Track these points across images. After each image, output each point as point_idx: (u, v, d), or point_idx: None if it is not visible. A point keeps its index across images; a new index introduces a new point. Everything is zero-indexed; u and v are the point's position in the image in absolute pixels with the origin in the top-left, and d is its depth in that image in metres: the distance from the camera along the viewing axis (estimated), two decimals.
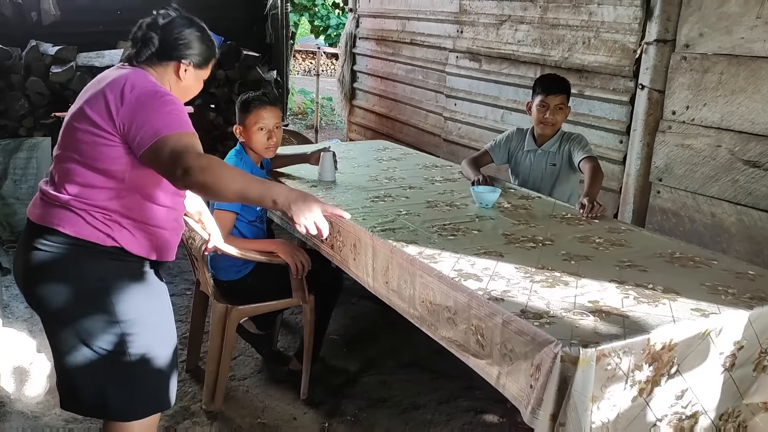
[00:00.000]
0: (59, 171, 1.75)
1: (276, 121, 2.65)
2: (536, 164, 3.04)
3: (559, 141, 3.00)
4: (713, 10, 2.97)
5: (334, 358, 3.11)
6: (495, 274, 1.91)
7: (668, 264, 2.03)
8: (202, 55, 1.84)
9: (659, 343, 1.57)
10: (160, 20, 1.81)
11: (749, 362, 1.75)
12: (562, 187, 3.04)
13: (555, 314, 1.65)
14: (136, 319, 1.74)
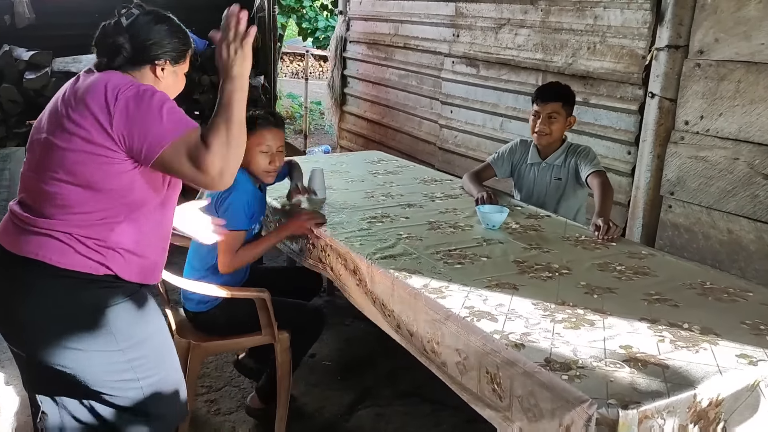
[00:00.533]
0: (36, 193, 1.59)
1: (279, 144, 2.46)
2: (540, 178, 2.87)
3: (565, 154, 2.82)
4: (730, 14, 2.79)
5: (328, 387, 2.90)
6: (511, 313, 1.70)
7: (700, 297, 1.84)
8: (176, 49, 1.69)
9: (705, 399, 1.38)
10: (123, 22, 1.64)
11: None
12: (569, 202, 2.86)
13: (584, 364, 1.45)
14: (139, 344, 1.64)
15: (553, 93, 2.78)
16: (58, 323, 1.58)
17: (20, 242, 1.58)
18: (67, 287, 1.58)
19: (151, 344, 1.69)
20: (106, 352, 1.60)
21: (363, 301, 2.15)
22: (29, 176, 1.63)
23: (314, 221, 2.47)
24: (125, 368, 1.62)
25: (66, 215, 1.56)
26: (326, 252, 2.38)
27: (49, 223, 1.56)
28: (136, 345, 1.64)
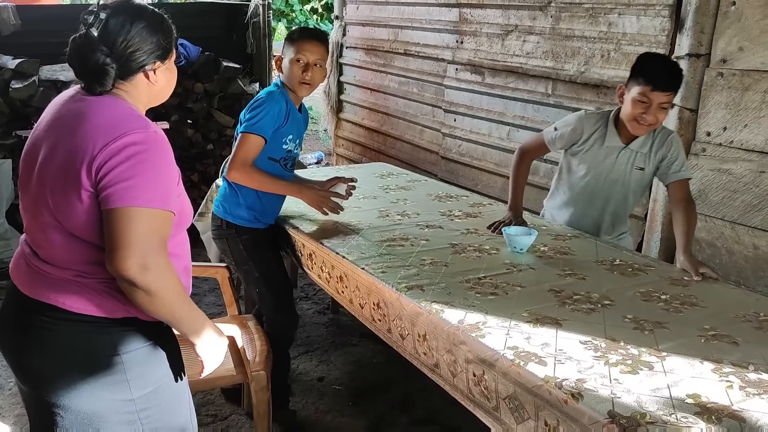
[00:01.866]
0: (43, 239, 1.44)
1: (317, 58, 2.42)
2: (619, 165, 2.45)
3: (652, 140, 2.41)
4: (755, 21, 2.70)
5: (340, 413, 2.77)
6: (560, 354, 1.58)
7: (758, 331, 1.73)
8: (161, 46, 1.49)
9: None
10: (94, 33, 1.42)
11: None
12: (636, 198, 2.58)
13: (654, 418, 1.32)
14: (153, 393, 1.51)
15: (673, 80, 2.28)
16: (70, 371, 1.44)
17: (31, 283, 1.46)
18: (83, 333, 1.44)
19: (164, 393, 1.55)
20: (116, 401, 1.46)
21: (389, 336, 2.02)
22: (27, 218, 1.48)
23: (330, 206, 2.48)
24: (132, 419, 1.48)
25: (80, 265, 1.42)
26: (344, 282, 2.24)
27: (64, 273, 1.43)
28: (149, 395, 1.50)
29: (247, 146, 2.35)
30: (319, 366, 3.14)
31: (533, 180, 3.60)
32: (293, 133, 2.48)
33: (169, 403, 1.56)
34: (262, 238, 2.55)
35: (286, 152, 2.49)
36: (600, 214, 2.57)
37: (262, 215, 2.52)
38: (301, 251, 2.54)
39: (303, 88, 2.43)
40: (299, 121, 2.52)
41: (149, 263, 1.33)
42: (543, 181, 3.76)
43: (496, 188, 4.09)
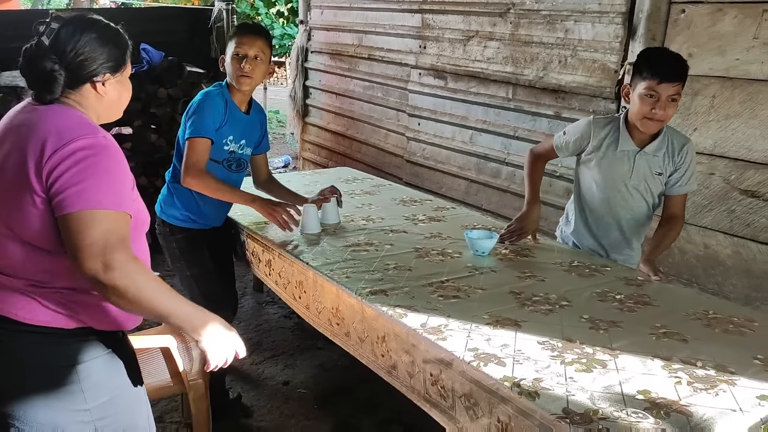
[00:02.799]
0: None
1: (256, 52, 2.39)
2: (638, 171, 2.31)
3: (667, 143, 2.30)
4: (704, 28, 2.80)
5: (304, 417, 2.79)
6: (518, 354, 1.63)
7: (707, 329, 1.80)
8: (112, 58, 1.49)
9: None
10: (45, 41, 1.43)
11: None
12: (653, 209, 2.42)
13: (605, 415, 1.37)
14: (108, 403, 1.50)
15: (678, 70, 2.16)
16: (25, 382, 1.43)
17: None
18: (37, 344, 1.43)
19: (121, 402, 1.54)
20: (72, 410, 1.45)
21: (346, 340, 2.05)
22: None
23: (281, 218, 2.41)
24: (89, 429, 1.47)
25: (28, 273, 1.41)
26: (302, 287, 2.27)
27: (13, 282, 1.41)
28: (105, 404, 1.50)
29: (195, 151, 2.35)
30: (285, 370, 3.15)
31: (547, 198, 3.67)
32: (234, 134, 2.47)
33: (126, 412, 1.55)
34: (199, 238, 2.54)
35: (228, 153, 2.49)
36: (616, 230, 2.42)
37: (198, 217, 2.52)
38: (259, 257, 2.56)
39: (242, 81, 2.41)
40: (243, 122, 2.51)
41: (111, 261, 1.31)
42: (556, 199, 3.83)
43: (460, 191, 4.15)
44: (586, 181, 2.44)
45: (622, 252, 2.45)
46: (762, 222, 2.69)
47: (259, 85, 2.52)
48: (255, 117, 2.59)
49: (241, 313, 3.74)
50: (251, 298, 3.97)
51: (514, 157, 3.76)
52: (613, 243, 2.44)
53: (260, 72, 2.42)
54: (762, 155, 2.66)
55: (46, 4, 14.90)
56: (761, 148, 2.66)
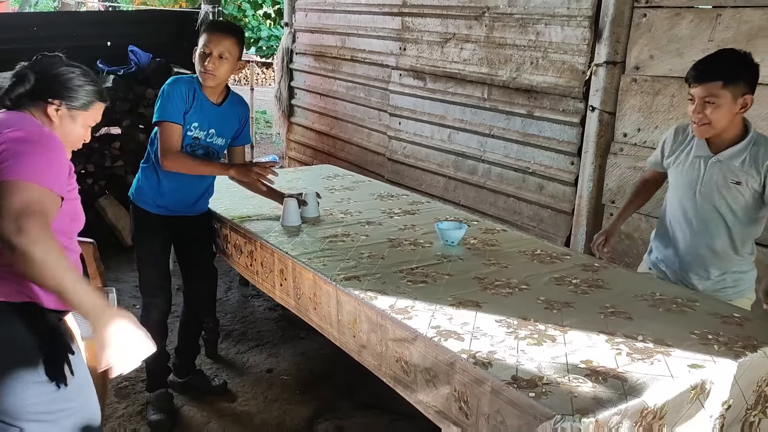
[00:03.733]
0: None
1: (222, 51, 2.50)
2: (709, 177, 2.17)
3: (749, 151, 2.09)
4: (664, 32, 2.97)
5: (287, 402, 2.93)
6: (476, 331, 1.78)
7: (652, 308, 1.96)
8: (81, 97, 1.65)
9: (653, 409, 1.48)
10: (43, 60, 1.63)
11: (736, 421, 1.69)
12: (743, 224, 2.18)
13: (549, 380, 1.53)
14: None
15: (710, 69, 2.06)
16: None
17: None
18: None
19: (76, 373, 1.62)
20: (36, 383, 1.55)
21: (326, 324, 2.19)
22: None
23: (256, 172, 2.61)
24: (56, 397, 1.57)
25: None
26: (283, 275, 2.41)
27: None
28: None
29: (165, 135, 2.51)
30: (269, 359, 3.29)
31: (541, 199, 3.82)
32: (199, 122, 2.57)
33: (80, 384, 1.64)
34: (154, 223, 2.67)
35: (192, 139, 2.59)
36: (688, 241, 2.27)
37: (159, 197, 2.64)
38: (242, 249, 2.70)
39: (205, 77, 2.52)
40: (213, 112, 2.60)
41: (24, 226, 1.37)
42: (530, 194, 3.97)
43: (439, 188, 4.30)
44: (669, 189, 2.38)
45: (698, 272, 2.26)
46: None
47: (225, 81, 2.62)
48: (230, 109, 2.68)
49: (227, 306, 3.88)
50: (237, 291, 4.10)
51: (490, 155, 3.92)
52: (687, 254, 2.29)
53: (224, 70, 2.53)
54: None
55: (33, 6, 14.93)
56: None
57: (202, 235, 2.86)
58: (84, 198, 1.80)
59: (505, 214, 3.84)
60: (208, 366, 3.19)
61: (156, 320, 2.73)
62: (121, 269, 4.26)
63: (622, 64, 3.15)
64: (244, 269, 2.73)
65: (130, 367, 1.46)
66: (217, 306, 3.40)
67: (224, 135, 2.69)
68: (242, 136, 2.79)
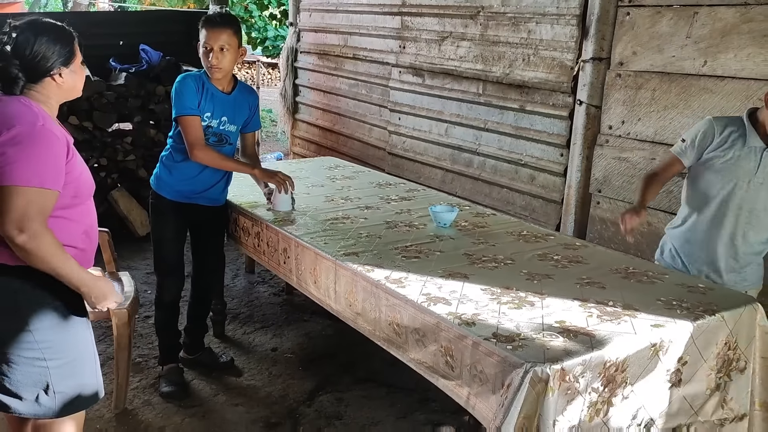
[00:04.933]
0: None
1: (221, 44, 2.63)
2: (764, 168, 2.26)
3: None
4: (645, 29, 3.15)
5: (290, 377, 3.12)
6: (463, 297, 1.96)
7: (624, 280, 2.15)
8: (62, 54, 1.81)
9: (615, 362, 1.67)
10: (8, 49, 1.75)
11: (698, 380, 1.88)
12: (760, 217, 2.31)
13: (525, 336, 1.72)
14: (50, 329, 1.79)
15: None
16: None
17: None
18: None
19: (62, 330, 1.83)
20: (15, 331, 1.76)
21: (324, 296, 2.38)
22: None
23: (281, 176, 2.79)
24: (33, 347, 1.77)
25: None
26: (287, 254, 2.60)
27: None
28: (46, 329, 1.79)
29: (188, 128, 2.65)
30: (273, 339, 3.48)
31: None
32: (212, 111, 2.72)
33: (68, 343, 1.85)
34: (170, 208, 2.81)
35: (206, 127, 2.72)
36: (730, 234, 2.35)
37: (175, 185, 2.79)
38: (249, 231, 2.90)
39: (213, 72, 2.67)
40: (224, 100, 2.75)
41: (25, 227, 1.64)
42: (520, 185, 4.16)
43: (437, 180, 4.49)
44: (704, 186, 2.39)
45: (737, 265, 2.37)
46: None
47: (231, 70, 2.75)
48: (240, 97, 2.83)
49: (234, 291, 4.07)
50: (244, 278, 4.30)
51: (484, 148, 4.11)
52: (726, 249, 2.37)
53: (228, 60, 2.66)
54: None
55: (43, 7, 15.19)
56: None
57: (217, 224, 3.02)
58: (97, 190, 2.01)
59: (499, 204, 4.02)
60: (216, 345, 3.38)
61: (169, 300, 2.93)
62: (133, 258, 4.45)
63: (607, 60, 3.34)
64: (252, 250, 2.92)
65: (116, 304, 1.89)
66: (225, 291, 3.59)
67: (236, 122, 2.83)
68: (253, 123, 2.93)
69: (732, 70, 2.84)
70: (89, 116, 4.69)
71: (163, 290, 2.93)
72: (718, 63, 2.88)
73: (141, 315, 3.66)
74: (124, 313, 2.67)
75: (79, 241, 1.86)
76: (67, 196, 1.79)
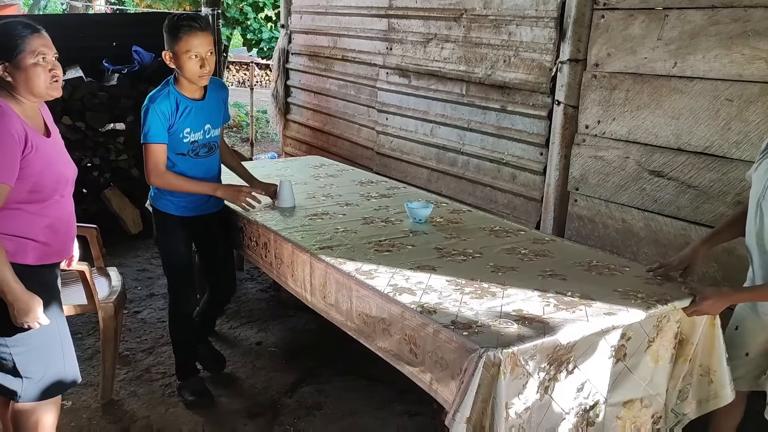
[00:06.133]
0: None
1: (209, 48, 2.54)
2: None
3: None
4: (619, 32, 3.24)
5: (273, 369, 3.21)
6: (428, 288, 2.05)
7: (586, 272, 2.23)
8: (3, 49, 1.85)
9: (564, 344, 1.75)
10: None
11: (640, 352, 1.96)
12: None
13: (483, 323, 1.80)
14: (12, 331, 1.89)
15: None
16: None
17: None
18: None
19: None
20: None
21: (300, 289, 2.47)
22: None
23: (243, 198, 2.74)
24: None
25: None
26: (267, 248, 2.68)
27: None
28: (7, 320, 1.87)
29: (152, 156, 2.57)
30: (258, 333, 3.57)
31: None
32: (192, 125, 2.63)
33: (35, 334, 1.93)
34: (176, 224, 2.75)
35: (191, 144, 2.66)
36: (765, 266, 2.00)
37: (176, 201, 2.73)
38: (234, 227, 2.99)
39: (203, 79, 2.58)
40: (200, 109, 2.65)
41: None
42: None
43: (422, 179, 4.58)
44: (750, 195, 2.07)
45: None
46: (666, 198, 3.12)
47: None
48: (214, 96, 2.74)
49: None
50: None
51: (468, 147, 4.20)
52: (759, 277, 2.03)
53: (212, 63, 2.58)
54: (665, 140, 3.09)
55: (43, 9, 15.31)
56: (665, 134, 3.09)
57: (222, 230, 2.97)
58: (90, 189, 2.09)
59: (483, 203, 4.10)
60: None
61: (188, 310, 2.90)
62: (125, 255, 4.55)
63: (583, 61, 3.42)
64: (238, 245, 3.00)
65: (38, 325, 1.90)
66: None
67: (217, 124, 2.78)
68: (224, 116, 2.85)
69: (701, 71, 2.92)
70: (82, 116, 4.79)
71: (182, 301, 2.86)
72: (687, 64, 2.97)
73: (130, 310, 3.75)
74: (110, 306, 2.76)
75: (41, 234, 1.93)
76: (23, 190, 1.85)
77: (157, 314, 3.78)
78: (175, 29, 2.54)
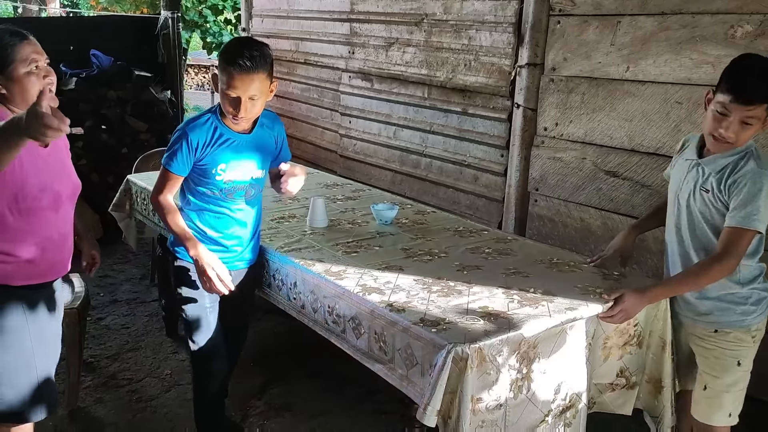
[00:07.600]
0: None
1: (251, 94, 2.08)
2: (688, 182, 2.04)
3: (734, 164, 1.92)
4: (574, 37, 3.36)
5: (242, 372, 3.21)
6: (396, 287, 2.11)
7: (548, 269, 2.32)
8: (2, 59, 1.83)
9: (528, 340, 1.83)
10: None
11: (598, 347, 2.06)
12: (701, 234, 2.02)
13: (450, 320, 1.87)
14: None
15: (762, 91, 1.83)
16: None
17: None
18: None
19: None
20: None
21: (269, 289, 2.49)
22: None
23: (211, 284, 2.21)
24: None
25: None
26: None
27: None
28: None
29: (162, 179, 2.23)
30: None
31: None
32: (228, 162, 2.20)
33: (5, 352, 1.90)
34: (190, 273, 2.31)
35: (224, 183, 2.21)
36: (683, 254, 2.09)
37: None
38: None
39: (237, 122, 2.16)
40: (244, 144, 2.23)
41: None
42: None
43: (386, 181, 4.64)
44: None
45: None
46: (622, 197, 3.25)
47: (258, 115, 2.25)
48: (262, 133, 2.29)
49: None
50: None
51: (431, 150, 4.28)
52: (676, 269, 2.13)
53: (258, 107, 2.15)
54: (619, 142, 3.22)
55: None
56: (619, 136, 3.22)
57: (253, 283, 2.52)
58: None
59: (446, 204, 4.19)
60: (169, 344, 3.45)
61: (218, 387, 2.48)
62: None
63: (541, 65, 3.53)
64: None
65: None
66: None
67: (264, 164, 2.33)
68: (282, 155, 2.41)
69: (652, 75, 3.06)
70: None
71: (207, 381, 2.43)
72: (639, 68, 3.10)
73: (93, 317, 3.71)
74: (74, 313, 2.74)
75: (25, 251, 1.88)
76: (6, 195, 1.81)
77: (121, 320, 3.74)
78: (225, 57, 2.11)
